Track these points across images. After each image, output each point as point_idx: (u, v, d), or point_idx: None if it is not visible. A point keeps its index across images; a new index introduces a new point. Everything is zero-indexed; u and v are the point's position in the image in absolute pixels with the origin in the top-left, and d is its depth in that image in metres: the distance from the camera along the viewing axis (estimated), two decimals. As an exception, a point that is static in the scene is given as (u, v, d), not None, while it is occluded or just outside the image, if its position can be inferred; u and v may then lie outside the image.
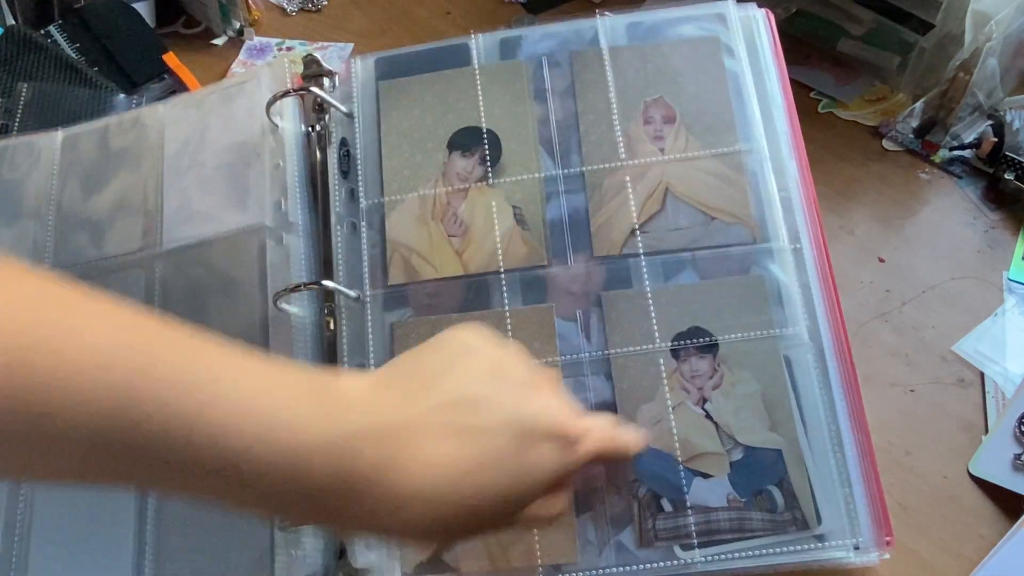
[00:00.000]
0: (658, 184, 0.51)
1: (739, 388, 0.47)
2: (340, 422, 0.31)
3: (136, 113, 0.59)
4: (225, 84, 0.59)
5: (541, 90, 0.54)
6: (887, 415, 0.54)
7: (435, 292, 0.50)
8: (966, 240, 0.62)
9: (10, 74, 0.73)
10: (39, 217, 0.57)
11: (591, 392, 0.48)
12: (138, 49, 0.77)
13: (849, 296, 0.59)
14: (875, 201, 0.65)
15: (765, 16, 0.55)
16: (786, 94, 0.53)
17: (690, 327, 0.48)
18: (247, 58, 0.81)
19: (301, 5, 0.86)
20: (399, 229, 0.52)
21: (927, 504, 0.50)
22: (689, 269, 0.49)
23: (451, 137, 0.54)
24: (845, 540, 0.44)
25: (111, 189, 0.57)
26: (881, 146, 0.69)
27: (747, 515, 0.45)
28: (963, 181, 0.66)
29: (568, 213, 0.51)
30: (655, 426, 0.47)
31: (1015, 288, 0.59)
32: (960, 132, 0.67)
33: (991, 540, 0.48)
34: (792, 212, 0.51)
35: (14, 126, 0.69)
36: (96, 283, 0.54)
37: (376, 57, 0.57)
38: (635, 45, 0.55)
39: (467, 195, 0.52)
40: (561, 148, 0.53)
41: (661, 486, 0.45)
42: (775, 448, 0.46)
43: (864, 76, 0.73)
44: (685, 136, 0.52)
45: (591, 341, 0.49)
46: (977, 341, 0.57)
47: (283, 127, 0.55)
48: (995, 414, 0.53)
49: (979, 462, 0.51)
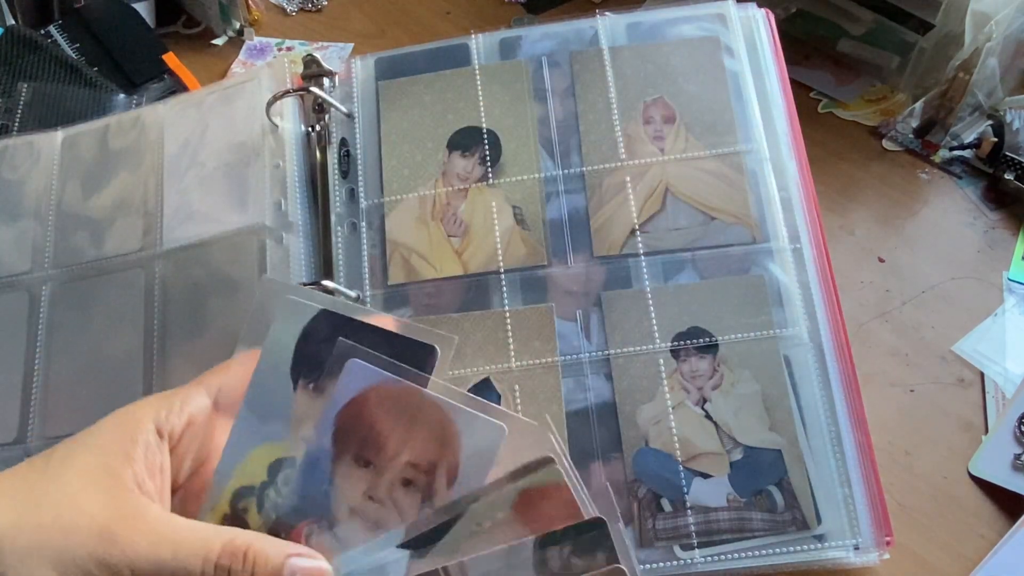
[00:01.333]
0: (658, 184, 0.51)
1: (739, 388, 0.47)
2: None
3: (136, 113, 0.59)
4: (225, 84, 0.59)
5: (541, 90, 0.54)
6: (887, 415, 0.54)
7: (435, 292, 0.50)
8: (966, 240, 0.62)
9: (10, 74, 0.73)
10: (39, 217, 0.57)
11: (591, 392, 0.48)
12: (138, 49, 0.77)
13: (849, 296, 0.59)
14: (875, 201, 0.65)
15: (765, 16, 0.55)
16: (786, 94, 0.53)
17: (690, 327, 0.48)
18: (247, 58, 0.81)
19: (301, 5, 0.86)
20: (399, 229, 0.52)
21: (927, 504, 0.50)
22: (689, 269, 0.49)
23: (451, 137, 0.54)
24: (845, 540, 0.44)
25: (111, 189, 0.57)
26: (881, 146, 0.69)
27: (747, 515, 0.45)
28: (963, 181, 0.66)
29: (568, 213, 0.51)
30: (655, 426, 0.47)
31: (1015, 288, 0.59)
32: (960, 132, 0.67)
33: (991, 540, 0.48)
34: (792, 212, 0.51)
35: (14, 126, 0.69)
36: (96, 283, 0.54)
37: (376, 57, 0.57)
38: (635, 45, 0.55)
39: (467, 195, 0.52)
40: (561, 148, 0.53)
41: (661, 486, 0.45)
42: (775, 448, 0.46)
43: (864, 76, 0.73)
44: (685, 136, 0.52)
45: (591, 341, 0.49)
46: (977, 341, 0.57)
47: (283, 127, 0.55)
48: (995, 414, 0.53)
49: (979, 462, 0.51)
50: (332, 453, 0.38)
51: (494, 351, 0.48)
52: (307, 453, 0.38)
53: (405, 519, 0.37)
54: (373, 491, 0.37)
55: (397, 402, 0.37)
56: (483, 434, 0.36)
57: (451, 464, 0.37)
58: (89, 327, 0.53)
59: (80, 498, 0.33)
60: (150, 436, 0.36)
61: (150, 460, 0.35)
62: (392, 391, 0.38)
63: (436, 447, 0.37)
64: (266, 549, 0.34)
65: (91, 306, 0.53)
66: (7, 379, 0.53)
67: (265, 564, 0.34)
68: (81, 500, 0.33)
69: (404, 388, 0.37)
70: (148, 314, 0.52)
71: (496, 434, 0.36)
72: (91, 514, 0.33)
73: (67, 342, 0.53)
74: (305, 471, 0.38)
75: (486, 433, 0.37)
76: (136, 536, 0.33)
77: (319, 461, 0.38)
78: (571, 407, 0.47)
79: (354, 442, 0.37)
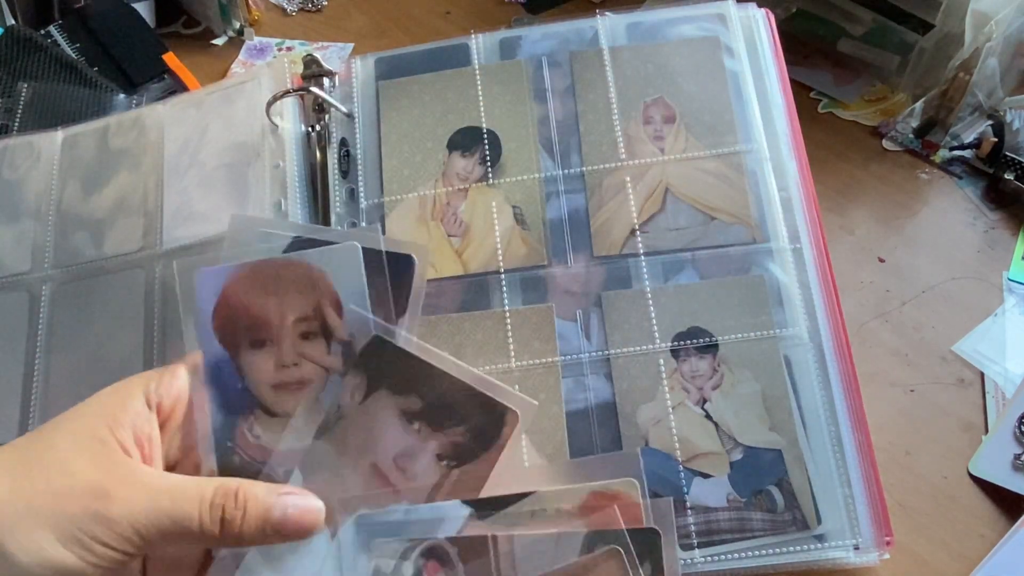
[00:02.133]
0: (658, 184, 0.51)
1: (739, 388, 0.47)
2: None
3: (136, 113, 0.59)
4: (225, 84, 0.59)
5: (541, 90, 0.54)
6: (887, 415, 0.54)
7: (435, 292, 0.50)
8: (966, 240, 0.62)
9: (10, 74, 0.73)
10: (39, 217, 0.57)
11: (591, 392, 0.48)
12: (138, 49, 0.77)
13: (849, 296, 0.59)
14: (875, 201, 0.65)
15: (765, 16, 0.55)
16: (786, 94, 0.53)
17: (690, 327, 0.48)
18: (247, 58, 0.81)
19: (301, 5, 0.86)
20: (399, 229, 0.52)
21: (927, 504, 0.50)
22: (689, 269, 0.49)
23: (451, 137, 0.54)
24: (845, 540, 0.44)
25: (111, 189, 0.57)
26: (881, 146, 0.69)
27: (747, 515, 0.45)
28: (963, 181, 0.66)
29: (568, 213, 0.51)
30: (655, 426, 0.47)
31: (1015, 288, 0.59)
32: (960, 132, 0.67)
33: (991, 540, 0.48)
34: (792, 212, 0.51)
35: (14, 126, 0.69)
36: (96, 283, 0.54)
37: (376, 57, 0.57)
38: (635, 45, 0.55)
39: (467, 195, 0.52)
40: (561, 148, 0.53)
41: (661, 486, 0.45)
42: (775, 448, 0.46)
43: (864, 76, 0.73)
44: (685, 136, 0.52)
45: (591, 341, 0.49)
46: (977, 341, 0.57)
47: (283, 127, 0.55)
48: (995, 414, 0.53)
49: (979, 462, 0.51)
50: (227, 355, 0.39)
51: (494, 351, 0.48)
52: (206, 370, 0.39)
53: (323, 365, 0.39)
54: (281, 360, 0.39)
55: (256, 282, 0.40)
56: (342, 258, 0.39)
57: (331, 297, 0.39)
58: (89, 327, 0.53)
59: (70, 462, 0.34)
60: (139, 405, 0.37)
61: (139, 428, 0.36)
62: (247, 276, 0.40)
63: (310, 292, 0.39)
64: (256, 489, 0.36)
65: (91, 306, 0.53)
66: (7, 379, 0.53)
67: (256, 502, 0.35)
68: (71, 464, 0.34)
69: (254, 267, 0.39)
70: (148, 314, 0.52)
71: (352, 252, 0.39)
72: (82, 476, 0.34)
73: (67, 342, 0.53)
74: (215, 384, 0.39)
75: (344, 257, 0.39)
76: (131, 492, 0.34)
77: (221, 370, 0.39)
78: (571, 407, 0.47)
79: (241, 334, 0.39)
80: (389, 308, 0.40)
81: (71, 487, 0.33)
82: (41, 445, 0.35)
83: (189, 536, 0.34)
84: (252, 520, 0.35)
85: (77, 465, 0.34)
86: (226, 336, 0.39)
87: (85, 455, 0.34)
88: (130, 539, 0.33)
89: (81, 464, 0.34)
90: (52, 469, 0.34)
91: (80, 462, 0.34)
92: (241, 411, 0.39)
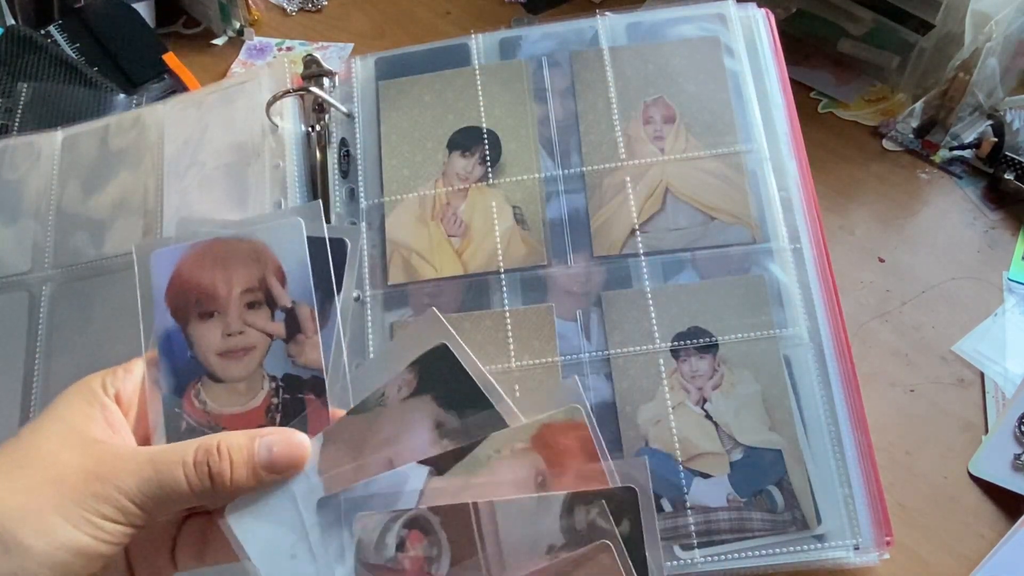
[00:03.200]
0: (658, 184, 0.51)
1: (739, 388, 0.47)
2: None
3: (136, 113, 0.59)
4: (225, 84, 0.59)
5: (541, 90, 0.54)
6: (887, 415, 0.54)
7: (435, 292, 0.50)
8: (966, 240, 0.62)
9: (10, 74, 0.73)
10: (39, 217, 0.57)
11: (591, 392, 0.48)
12: (138, 49, 0.77)
13: (849, 296, 0.59)
14: (875, 201, 0.65)
15: (765, 16, 0.55)
16: (786, 94, 0.53)
17: (690, 327, 0.48)
18: (247, 58, 0.81)
19: (301, 5, 0.86)
20: (399, 229, 0.52)
21: (927, 504, 0.50)
22: (689, 269, 0.49)
23: (451, 137, 0.54)
24: (845, 540, 0.44)
25: (111, 189, 0.57)
26: (881, 146, 0.69)
27: (747, 515, 0.45)
28: (963, 181, 0.66)
29: (568, 213, 0.51)
30: (655, 426, 0.47)
31: (1015, 288, 0.59)
32: (960, 132, 0.67)
33: (991, 540, 0.48)
34: (792, 212, 0.51)
35: (14, 126, 0.69)
36: (96, 283, 0.54)
37: (376, 57, 0.57)
38: (635, 45, 0.55)
39: (467, 195, 0.52)
40: (561, 148, 0.53)
41: (661, 486, 0.45)
42: (775, 448, 0.46)
43: (864, 76, 0.73)
44: (685, 136, 0.52)
45: (591, 341, 0.49)
46: (977, 341, 0.57)
47: (283, 127, 0.55)
48: (995, 414, 0.53)
49: (979, 462, 0.51)
50: (179, 326, 0.42)
51: (494, 351, 0.48)
52: (159, 341, 0.41)
53: (267, 331, 0.41)
54: (228, 329, 0.41)
55: (206, 258, 0.42)
56: (285, 234, 0.41)
57: (275, 269, 0.41)
58: (89, 327, 0.53)
59: (58, 455, 0.35)
60: (102, 397, 0.38)
61: (109, 418, 0.38)
62: (197, 253, 0.42)
63: (255, 265, 0.41)
64: (235, 439, 0.37)
65: (91, 306, 0.53)
66: (7, 379, 0.53)
67: (240, 451, 0.36)
68: (60, 458, 0.35)
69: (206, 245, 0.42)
70: (148, 314, 0.52)
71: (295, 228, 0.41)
72: (73, 465, 0.35)
73: (67, 342, 0.53)
74: (166, 354, 0.41)
75: (287, 233, 0.41)
76: (119, 471, 0.35)
77: (171, 340, 0.41)
78: (571, 407, 0.47)
79: (191, 307, 0.41)
80: (329, 281, 0.42)
81: (65, 476, 0.35)
82: (26, 446, 0.36)
83: (183, 497, 0.36)
84: (240, 468, 0.36)
85: (65, 457, 0.35)
86: (178, 310, 0.42)
87: (69, 447, 0.36)
88: (132, 512, 0.35)
89: (68, 455, 0.35)
90: (44, 464, 0.35)
91: (67, 454, 0.35)
92: (190, 379, 0.41)
